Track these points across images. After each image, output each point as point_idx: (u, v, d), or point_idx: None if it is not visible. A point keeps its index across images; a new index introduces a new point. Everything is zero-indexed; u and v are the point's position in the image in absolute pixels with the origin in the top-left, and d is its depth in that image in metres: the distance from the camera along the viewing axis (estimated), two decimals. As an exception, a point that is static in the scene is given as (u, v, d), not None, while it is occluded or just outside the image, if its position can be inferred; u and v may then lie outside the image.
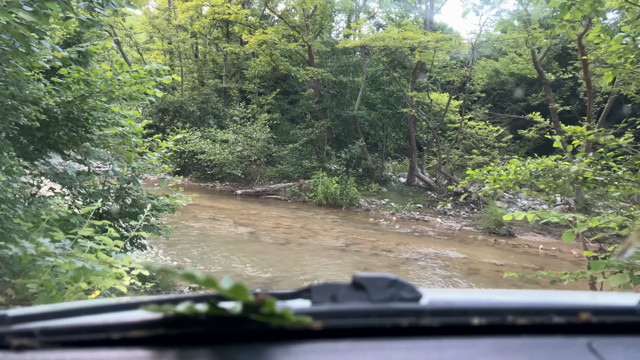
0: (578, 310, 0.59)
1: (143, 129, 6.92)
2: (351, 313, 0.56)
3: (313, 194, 16.80)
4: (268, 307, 0.51)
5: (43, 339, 0.54)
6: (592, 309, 0.59)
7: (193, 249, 9.16)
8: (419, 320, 0.56)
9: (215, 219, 12.34)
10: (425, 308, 0.57)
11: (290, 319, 0.51)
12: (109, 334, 0.54)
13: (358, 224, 13.82)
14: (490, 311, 0.59)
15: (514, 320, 0.58)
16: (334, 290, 0.59)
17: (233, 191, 17.68)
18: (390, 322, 0.56)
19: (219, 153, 17.27)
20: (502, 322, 0.58)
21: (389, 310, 0.56)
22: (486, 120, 22.33)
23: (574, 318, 0.59)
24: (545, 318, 0.58)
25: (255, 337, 0.55)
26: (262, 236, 10.81)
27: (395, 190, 18.84)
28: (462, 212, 16.67)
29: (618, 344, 0.57)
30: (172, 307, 0.53)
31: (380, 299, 0.58)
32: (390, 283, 0.60)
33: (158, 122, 22.04)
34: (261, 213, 13.84)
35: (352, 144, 18.63)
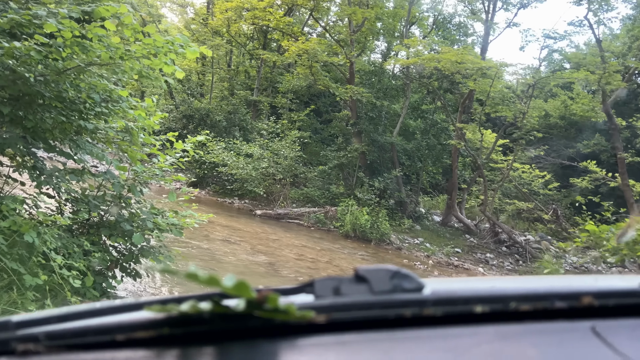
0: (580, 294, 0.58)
1: (156, 124, 5.37)
2: (354, 306, 0.55)
3: (340, 224, 15.10)
4: (271, 303, 0.51)
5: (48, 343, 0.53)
6: (594, 293, 0.58)
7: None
8: (422, 310, 0.56)
9: (230, 242, 10.72)
10: (428, 298, 0.57)
11: (294, 314, 0.51)
12: (114, 336, 0.54)
13: (391, 265, 12.02)
14: (493, 299, 0.58)
15: (516, 307, 0.57)
16: (336, 283, 0.59)
17: (252, 210, 16.09)
18: (393, 313, 0.56)
19: (242, 168, 15.77)
20: (504, 309, 0.57)
21: (392, 302, 0.56)
22: (531, 164, 20.51)
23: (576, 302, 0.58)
24: (548, 303, 0.57)
25: (259, 334, 0.54)
26: (283, 269, 9.13)
27: (430, 230, 17.04)
28: (505, 263, 14.76)
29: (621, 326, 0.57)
30: (175, 307, 0.52)
31: (383, 291, 0.57)
32: (392, 274, 0.59)
33: (181, 128, 20.75)
34: (282, 240, 12.18)
35: (387, 173, 16.97)
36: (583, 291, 0.59)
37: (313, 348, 0.53)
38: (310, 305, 0.55)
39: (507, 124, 17.71)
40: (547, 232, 19.08)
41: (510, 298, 0.58)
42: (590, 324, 0.57)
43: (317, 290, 0.59)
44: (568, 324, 0.57)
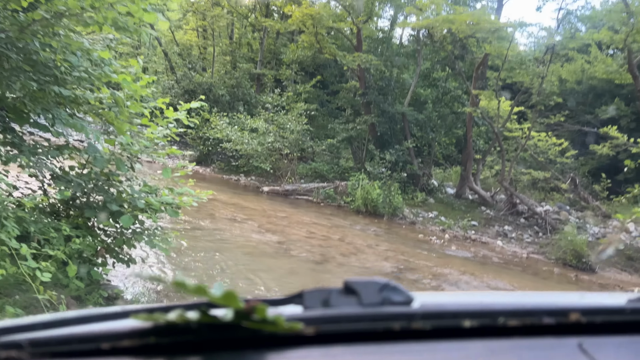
0: (568, 310, 0.59)
1: (145, 90, 4.70)
2: (343, 318, 0.56)
3: (350, 199, 14.48)
4: (259, 314, 0.51)
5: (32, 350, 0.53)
6: (582, 310, 0.59)
7: (204, 262, 6.95)
8: (411, 323, 0.56)
9: (236, 220, 10.15)
10: (417, 311, 0.57)
11: (282, 325, 0.51)
12: (99, 344, 0.53)
13: (406, 240, 11.44)
14: (481, 313, 0.58)
15: (505, 322, 0.57)
16: (325, 295, 0.59)
17: (259, 187, 15.50)
18: (382, 326, 0.56)
19: (247, 143, 15.10)
20: (493, 324, 0.57)
21: (381, 315, 0.56)
22: (548, 132, 19.64)
23: (564, 318, 0.58)
24: (536, 319, 0.58)
25: (247, 345, 0.54)
26: (293, 248, 8.56)
27: (444, 203, 16.38)
28: (525, 236, 14.12)
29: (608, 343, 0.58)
30: (162, 316, 0.52)
31: (372, 303, 0.57)
32: (381, 287, 0.59)
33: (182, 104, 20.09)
34: (291, 217, 11.59)
35: (398, 145, 16.24)
36: (571, 308, 0.60)
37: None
38: (299, 317, 0.54)
39: (524, 89, 16.82)
40: (565, 202, 18.37)
41: (499, 313, 0.58)
42: (578, 340, 0.57)
43: (306, 302, 0.59)
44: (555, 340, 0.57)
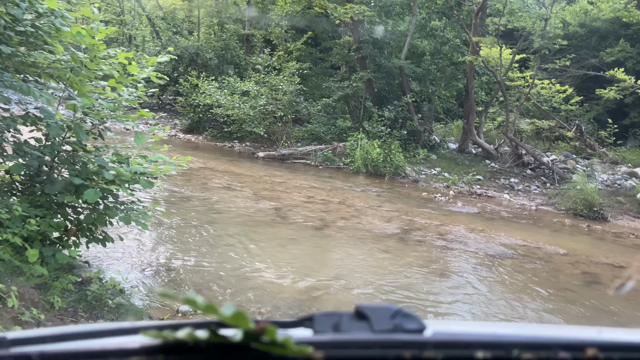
0: (585, 345, 0.57)
1: (104, 45, 4.06)
2: (353, 344, 0.55)
3: (350, 160, 13.91)
4: (269, 336, 0.51)
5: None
6: (599, 345, 0.58)
7: (195, 235, 6.45)
8: (422, 352, 0.55)
9: (230, 188, 9.62)
10: (429, 340, 0.56)
11: (291, 348, 0.50)
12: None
13: (409, 199, 10.94)
14: (495, 345, 0.57)
15: (519, 355, 0.56)
16: (336, 319, 0.59)
17: (254, 153, 14.90)
18: (393, 354, 0.54)
19: (238, 107, 14.41)
20: (506, 356, 0.56)
21: (392, 342, 0.55)
22: (551, 78, 18.83)
23: (581, 354, 0.57)
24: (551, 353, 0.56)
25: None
26: (291, 215, 8.05)
27: (447, 158, 15.81)
28: (532, 187, 13.62)
29: None
30: (172, 333, 0.52)
31: (383, 330, 0.57)
32: (393, 313, 0.59)
33: (170, 71, 19.24)
34: (288, 182, 11.05)
35: (397, 101, 15.53)
36: (588, 342, 0.58)
37: None
38: (309, 341, 0.54)
39: (526, 35, 15.97)
40: (571, 151, 17.80)
41: (513, 345, 0.57)
42: None
43: (316, 325, 0.59)
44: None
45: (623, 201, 12.35)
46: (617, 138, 19.33)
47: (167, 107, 20.48)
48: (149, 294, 4.61)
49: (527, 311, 5.21)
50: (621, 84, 17.02)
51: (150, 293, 4.63)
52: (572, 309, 5.44)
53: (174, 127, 18.40)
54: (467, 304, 5.27)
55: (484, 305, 5.25)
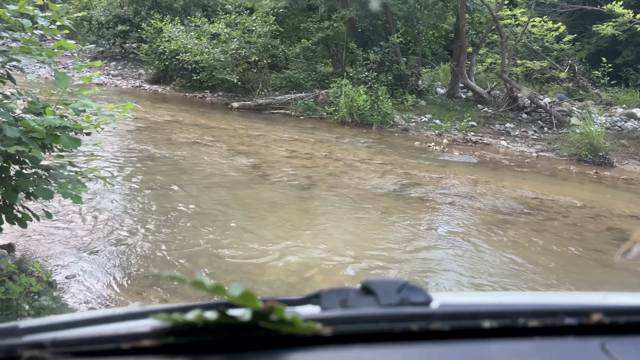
0: (590, 311, 0.58)
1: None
2: (361, 318, 0.55)
3: (333, 109, 12.72)
4: (277, 314, 0.51)
5: (54, 350, 0.54)
6: (605, 310, 0.58)
7: (157, 204, 5.34)
8: (429, 324, 0.56)
9: (200, 144, 8.43)
10: (436, 312, 0.57)
11: (299, 325, 0.51)
12: (119, 344, 0.54)
13: (401, 150, 9.92)
14: (501, 314, 0.58)
15: (525, 323, 0.56)
16: (343, 295, 0.59)
17: (227, 104, 13.57)
18: (400, 327, 0.55)
19: (207, 52, 12.91)
20: (513, 324, 0.57)
21: (399, 315, 0.56)
22: (542, 15, 17.59)
23: (586, 319, 0.57)
24: (557, 320, 0.57)
25: (265, 345, 0.54)
26: (272, 173, 6.96)
27: (437, 104, 14.73)
28: (529, 132, 12.72)
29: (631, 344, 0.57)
30: (181, 316, 0.53)
31: (390, 304, 0.57)
32: (399, 287, 0.59)
33: (132, 15, 17.40)
34: (267, 135, 9.89)
35: (383, 41, 14.20)
36: (593, 308, 0.59)
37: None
38: (317, 317, 0.55)
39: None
40: (564, 93, 16.87)
41: (519, 314, 0.57)
42: (600, 341, 0.56)
43: (323, 302, 0.59)
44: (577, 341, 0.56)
45: (627, 144, 11.56)
46: (610, 78, 18.44)
47: (131, 56, 18.70)
48: (92, 286, 3.54)
49: (560, 280, 4.33)
50: (619, 19, 15.90)
51: (95, 284, 3.57)
52: (611, 274, 4.58)
53: (139, 77, 16.81)
54: (487, 275, 4.36)
55: (509, 277, 4.35)
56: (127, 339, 0.54)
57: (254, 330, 0.53)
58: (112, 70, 17.34)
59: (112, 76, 16.68)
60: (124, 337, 0.54)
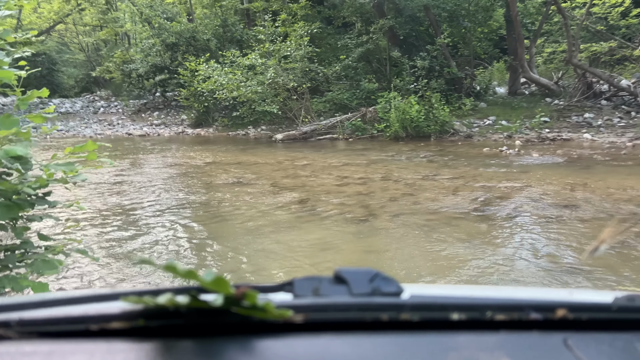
0: (555, 306, 0.59)
1: None
2: (332, 307, 0.56)
3: (384, 125, 11.61)
4: (250, 300, 0.51)
5: (20, 329, 0.53)
6: (569, 306, 0.59)
7: (193, 254, 4.40)
8: (399, 314, 0.56)
9: (242, 183, 7.54)
10: (406, 303, 0.57)
11: (271, 312, 0.51)
12: (88, 325, 0.54)
13: (469, 159, 8.60)
14: (470, 307, 0.58)
15: (492, 316, 0.57)
16: (316, 283, 0.59)
17: (271, 137, 12.80)
18: (370, 316, 0.56)
19: (244, 85, 12.25)
20: (481, 317, 0.58)
21: (370, 305, 0.56)
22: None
23: (551, 314, 0.59)
24: (523, 314, 0.58)
25: (236, 330, 0.54)
26: (322, 207, 5.89)
27: (498, 104, 13.27)
28: (614, 120, 10.98)
29: (592, 340, 0.58)
30: (152, 299, 0.52)
31: (362, 293, 0.57)
32: (372, 277, 0.60)
33: (169, 62, 17.26)
34: (314, 164, 8.90)
35: (430, 45, 13.01)
36: (558, 303, 0.60)
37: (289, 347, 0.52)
38: (289, 304, 0.55)
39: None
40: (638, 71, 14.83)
41: (487, 307, 0.58)
42: (563, 336, 0.57)
43: (296, 290, 0.59)
44: (541, 336, 0.57)
45: None
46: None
47: (173, 103, 18.56)
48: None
49: None
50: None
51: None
52: None
53: (181, 123, 16.51)
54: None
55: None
56: (96, 320, 0.53)
57: (226, 315, 0.52)
58: (155, 120, 17.19)
59: (155, 126, 16.48)
60: (93, 318, 0.54)
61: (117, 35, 23.36)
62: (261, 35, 13.70)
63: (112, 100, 20.81)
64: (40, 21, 26.69)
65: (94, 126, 16.86)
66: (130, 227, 5.25)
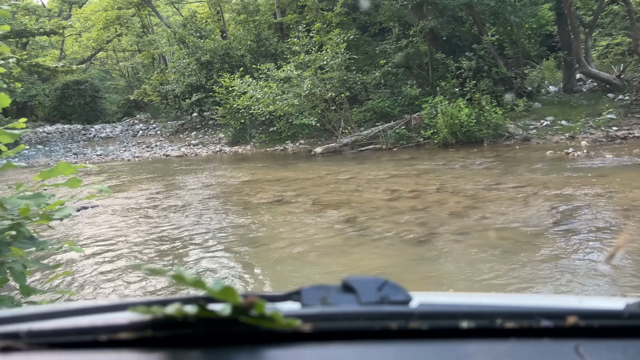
0: (566, 313, 0.58)
1: None
2: (340, 316, 0.55)
3: (431, 132, 10.80)
4: (258, 310, 0.51)
5: (29, 340, 0.53)
6: (580, 313, 0.58)
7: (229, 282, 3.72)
8: (408, 323, 0.55)
9: (282, 202, 6.93)
10: (415, 311, 0.56)
11: (279, 321, 0.51)
12: (96, 336, 0.53)
13: (533, 164, 7.70)
14: (479, 315, 0.58)
15: (502, 324, 0.57)
16: (323, 292, 0.59)
17: (310, 151, 12.20)
18: (379, 325, 0.55)
19: (280, 98, 11.74)
20: (490, 325, 0.57)
21: (378, 313, 0.56)
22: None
23: (562, 322, 0.57)
24: (533, 322, 0.57)
25: (244, 340, 0.53)
26: (373, 227, 5.17)
27: (554, 103, 12.22)
28: (694, 113, 9.77)
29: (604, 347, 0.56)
30: (160, 309, 0.52)
31: (370, 302, 0.57)
32: (380, 285, 0.59)
33: (204, 80, 17.04)
34: (358, 177, 8.21)
35: (476, 44, 12.15)
36: (569, 311, 0.59)
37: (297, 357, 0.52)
38: (297, 314, 0.54)
39: None
40: None
41: (497, 315, 0.57)
42: (574, 344, 0.56)
43: (304, 299, 0.58)
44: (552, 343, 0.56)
45: None
46: None
47: (210, 122, 18.33)
48: None
49: None
50: None
51: None
52: None
53: (219, 142, 16.19)
54: None
55: None
56: (105, 331, 0.53)
57: (234, 325, 0.52)
58: (193, 140, 16.96)
59: (193, 146, 16.24)
60: (101, 329, 0.53)
61: (153, 58, 23.55)
62: (296, 46, 13.21)
63: (150, 123, 20.86)
64: (82, 50, 27.42)
65: (132, 149, 16.79)
66: (163, 257, 4.69)
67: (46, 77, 22.84)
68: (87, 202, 8.03)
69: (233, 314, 0.50)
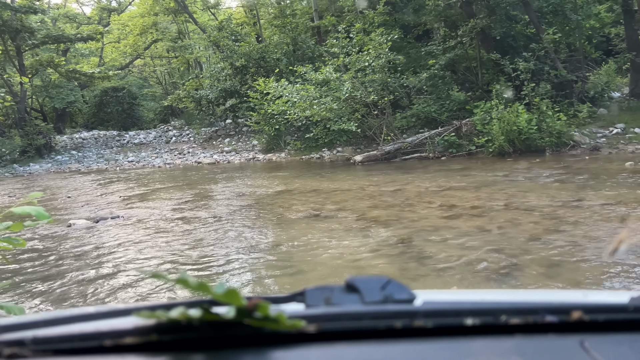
0: (570, 308, 0.58)
1: None
2: (345, 316, 0.55)
3: (485, 139, 9.75)
4: (262, 311, 0.51)
5: (34, 347, 0.53)
6: (584, 307, 0.58)
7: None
8: (413, 321, 0.55)
9: (320, 216, 6.07)
10: (419, 309, 0.56)
11: (284, 322, 0.51)
12: (101, 341, 0.53)
13: (613, 176, 6.59)
14: (484, 311, 0.58)
15: (507, 320, 0.57)
16: (327, 293, 0.59)
17: (349, 159, 11.34)
18: (384, 324, 0.55)
19: (317, 102, 10.93)
20: (495, 322, 0.57)
21: (383, 312, 0.56)
22: None
23: (567, 317, 0.58)
24: (538, 317, 0.57)
25: (249, 342, 0.53)
26: (434, 251, 4.24)
27: (622, 109, 10.98)
28: None
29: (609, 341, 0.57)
30: (165, 313, 0.52)
31: (374, 301, 0.57)
32: (384, 284, 0.59)
33: (239, 86, 16.45)
34: (406, 189, 7.27)
35: (533, 43, 11.05)
36: (573, 305, 0.59)
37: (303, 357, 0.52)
38: (301, 315, 0.54)
39: None
40: None
41: (501, 311, 0.57)
42: (580, 338, 0.56)
43: (308, 300, 0.59)
44: (557, 339, 0.56)
45: None
46: None
47: (244, 129, 17.71)
48: None
49: None
50: None
51: None
52: None
53: (252, 149, 15.52)
54: None
55: None
56: (110, 336, 0.53)
57: (238, 327, 0.52)
58: (226, 147, 16.36)
59: (226, 153, 15.63)
60: (106, 334, 0.53)
61: (188, 63, 23.26)
62: (335, 48, 12.39)
63: (184, 129, 20.46)
64: (120, 57, 27.50)
65: (165, 156, 16.33)
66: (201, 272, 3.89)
67: (85, 84, 22.88)
68: (109, 213, 7.43)
69: (237, 316, 0.50)
